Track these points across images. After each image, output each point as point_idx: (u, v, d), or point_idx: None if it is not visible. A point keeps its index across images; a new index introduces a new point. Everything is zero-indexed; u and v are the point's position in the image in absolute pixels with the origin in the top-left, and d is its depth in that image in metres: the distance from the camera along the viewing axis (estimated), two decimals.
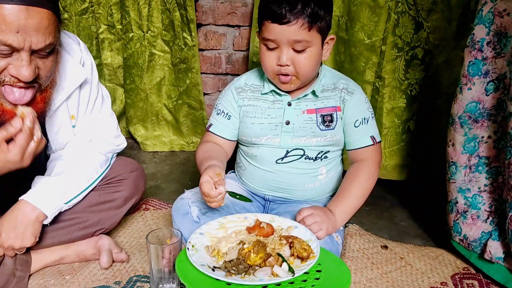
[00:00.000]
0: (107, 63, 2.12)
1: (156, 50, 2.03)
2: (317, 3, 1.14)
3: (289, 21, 1.12)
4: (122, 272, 1.28)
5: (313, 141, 1.27)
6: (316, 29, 1.15)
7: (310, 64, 1.19)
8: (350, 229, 1.49)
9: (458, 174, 1.29)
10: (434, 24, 1.60)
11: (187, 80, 2.04)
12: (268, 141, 1.29)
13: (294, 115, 1.26)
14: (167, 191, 1.80)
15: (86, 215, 1.30)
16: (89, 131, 1.33)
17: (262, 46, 1.20)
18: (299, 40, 1.14)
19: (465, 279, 1.28)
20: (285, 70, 1.18)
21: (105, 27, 2.06)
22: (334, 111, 1.27)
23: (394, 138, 1.72)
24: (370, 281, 1.27)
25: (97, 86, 1.35)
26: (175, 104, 2.11)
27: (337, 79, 1.29)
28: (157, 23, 1.99)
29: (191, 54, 1.99)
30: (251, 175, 1.35)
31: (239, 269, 0.97)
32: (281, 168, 1.30)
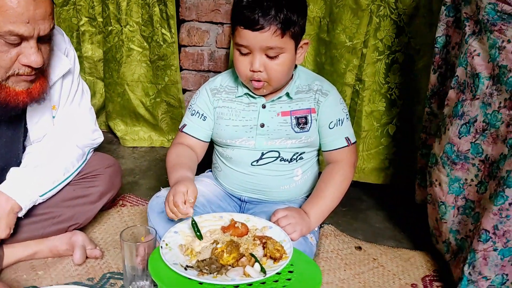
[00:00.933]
0: (88, 56, 2.10)
1: (134, 45, 2.01)
2: (290, 8, 1.13)
3: (262, 28, 1.12)
4: (96, 269, 1.28)
5: (288, 143, 1.27)
6: (289, 35, 1.15)
7: (283, 70, 1.19)
8: (326, 230, 1.51)
9: (447, 214, 1.24)
10: (415, 29, 1.62)
11: (165, 77, 2.02)
12: (243, 143, 1.29)
13: (269, 117, 1.27)
14: (145, 187, 1.79)
15: (60, 209, 1.29)
16: (68, 123, 1.33)
17: (236, 51, 1.20)
18: (271, 46, 1.14)
19: (434, 281, 1.31)
20: (258, 76, 1.18)
21: (86, 19, 2.03)
22: (309, 113, 1.27)
23: (373, 141, 1.74)
24: (343, 281, 1.29)
25: (78, 78, 1.35)
26: (153, 102, 2.08)
27: (312, 81, 1.30)
28: (136, 18, 1.96)
29: (170, 51, 1.96)
30: (226, 176, 1.35)
31: (212, 269, 0.98)
32: (257, 170, 1.30)
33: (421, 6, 1.59)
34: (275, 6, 1.12)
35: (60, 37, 1.27)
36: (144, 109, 2.11)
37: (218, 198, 1.36)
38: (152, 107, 2.10)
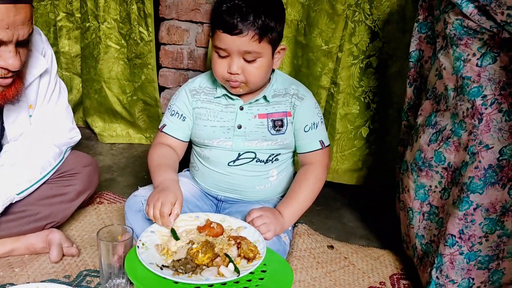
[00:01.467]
0: (65, 51, 2.09)
1: (112, 42, 2.00)
2: (268, 15, 1.16)
3: (240, 33, 1.15)
4: (72, 266, 1.29)
5: (264, 144, 1.31)
6: (267, 41, 1.18)
7: (260, 74, 1.22)
8: (299, 229, 1.55)
9: (414, 219, 1.29)
10: (389, 35, 1.67)
11: (142, 76, 2.02)
12: (220, 143, 1.32)
13: (246, 119, 1.30)
14: (123, 184, 1.80)
15: (37, 208, 1.30)
16: (45, 122, 1.33)
17: (214, 53, 1.23)
18: (249, 51, 1.17)
19: (402, 279, 1.37)
20: (235, 78, 1.21)
21: (63, 14, 2.01)
22: (285, 116, 1.31)
23: (346, 143, 1.79)
24: (314, 279, 1.33)
25: (55, 77, 1.35)
26: (130, 100, 2.08)
27: (288, 85, 1.33)
28: (114, 15, 1.96)
29: (147, 50, 1.96)
30: (203, 176, 1.38)
31: (187, 269, 1.01)
32: (233, 171, 1.33)
33: (394, 12, 1.63)
34: (254, 12, 1.15)
35: (38, 37, 1.27)
36: (121, 106, 2.11)
37: (195, 197, 1.38)
38: (129, 105, 2.10)
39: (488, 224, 1.10)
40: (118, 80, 2.07)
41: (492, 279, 1.15)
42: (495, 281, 1.15)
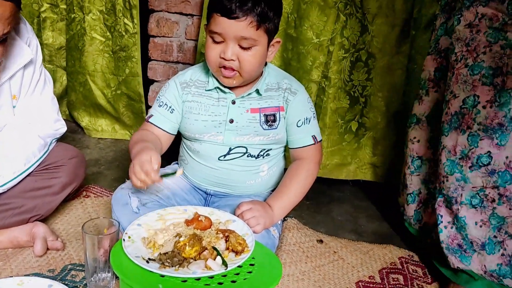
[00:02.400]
0: (48, 43, 2.05)
1: (97, 34, 1.97)
2: (268, 4, 1.15)
3: (238, 17, 1.13)
4: (57, 260, 1.27)
5: (256, 139, 1.29)
6: (264, 29, 1.17)
7: (255, 62, 1.20)
8: (289, 223, 1.54)
9: (423, 167, 1.41)
10: (378, 28, 1.66)
11: (126, 69, 1.98)
12: (211, 138, 1.30)
13: (238, 113, 1.28)
14: (110, 178, 1.78)
15: (21, 200, 1.28)
16: (29, 113, 1.31)
17: (209, 38, 1.21)
18: (246, 37, 1.16)
19: (391, 273, 1.36)
20: (229, 64, 1.19)
21: (47, 5, 1.97)
22: (277, 111, 1.29)
23: (337, 138, 1.78)
24: (303, 274, 1.32)
25: (40, 68, 1.33)
26: (114, 94, 2.05)
27: (281, 79, 1.31)
28: (100, 6, 1.92)
29: (132, 42, 1.93)
30: (193, 170, 1.36)
31: (173, 262, 0.99)
32: (223, 165, 1.31)
33: (384, 5, 1.63)
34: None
35: (23, 26, 1.25)
36: (105, 100, 2.08)
37: (184, 191, 1.36)
38: (113, 100, 2.06)
39: (449, 165, 1.24)
40: (102, 73, 2.03)
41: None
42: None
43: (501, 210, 1.19)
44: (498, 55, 1.16)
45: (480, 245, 1.23)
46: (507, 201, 1.18)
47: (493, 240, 1.21)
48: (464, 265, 1.25)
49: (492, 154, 1.18)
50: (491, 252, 1.21)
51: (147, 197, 1.25)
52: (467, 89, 1.21)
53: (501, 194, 1.18)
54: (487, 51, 1.17)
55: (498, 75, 1.16)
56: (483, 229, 1.22)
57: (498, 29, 1.16)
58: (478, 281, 1.24)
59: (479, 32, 1.19)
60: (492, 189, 1.19)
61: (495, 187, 1.19)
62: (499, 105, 1.15)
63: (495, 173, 1.18)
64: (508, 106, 1.15)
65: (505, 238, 1.20)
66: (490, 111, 1.17)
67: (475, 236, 1.23)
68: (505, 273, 1.20)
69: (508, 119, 1.15)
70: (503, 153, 1.17)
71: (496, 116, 1.16)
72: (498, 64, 1.16)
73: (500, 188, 1.18)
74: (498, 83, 1.16)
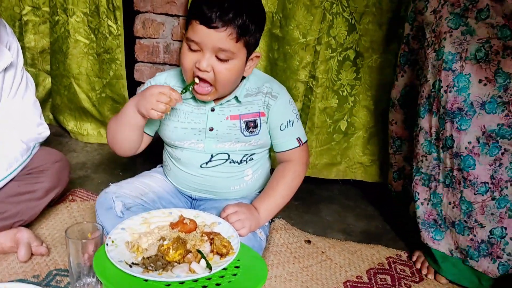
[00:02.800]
0: (30, 46, 2.02)
1: (81, 37, 1.94)
2: (250, 17, 1.11)
3: (218, 27, 1.09)
4: (42, 266, 1.26)
5: (238, 146, 1.27)
6: (243, 43, 1.13)
7: (230, 76, 1.16)
8: (276, 224, 1.53)
9: (404, 146, 1.54)
10: (365, 27, 1.65)
11: (110, 72, 1.96)
12: (192, 145, 1.27)
13: (218, 121, 1.24)
14: (97, 181, 1.76)
15: (4, 206, 1.26)
16: (11, 117, 1.29)
17: (185, 45, 1.16)
18: (224, 49, 1.11)
19: (378, 274, 1.36)
20: (203, 75, 1.14)
21: (29, 8, 1.94)
22: (258, 117, 1.26)
23: (325, 138, 1.77)
24: (291, 274, 1.32)
25: (21, 71, 1.31)
26: (99, 97, 2.02)
27: (261, 83, 1.27)
28: (83, 8, 1.89)
29: (116, 44, 1.90)
30: (176, 176, 1.34)
31: (157, 266, 0.98)
32: (206, 172, 1.29)
33: (371, 4, 1.62)
34: (235, 9, 1.09)
35: (3, 29, 1.23)
36: (90, 104, 2.05)
37: (169, 194, 1.35)
38: (98, 103, 2.03)
39: (427, 145, 1.32)
40: (87, 76, 2.00)
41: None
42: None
43: (467, 194, 1.24)
44: (458, 41, 1.19)
45: (451, 223, 1.29)
46: (471, 186, 1.23)
47: (463, 223, 1.27)
48: (432, 243, 1.33)
49: (454, 138, 1.23)
50: (460, 233, 1.28)
51: (132, 201, 1.23)
52: (434, 73, 1.26)
53: (465, 178, 1.24)
54: (448, 36, 1.21)
55: (457, 61, 1.20)
56: (455, 211, 1.28)
57: (459, 15, 1.19)
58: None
59: (441, 18, 1.22)
60: (457, 171, 1.25)
61: (460, 169, 1.24)
62: (458, 89, 1.20)
63: (458, 156, 1.24)
64: (466, 91, 1.20)
65: (475, 226, 1.25)
66: (450, 96, 1.22)
67: (448, 214, 1.30)
68: (472, 254, 1.26)
69: (467, 104, 1.20)
70: (464, 137, 1.22)
71: (455, 101, 1.21)
72: (458, 50, 1.20)
73: (464, 172, 1.24)
74: (457, 68, 1.20)
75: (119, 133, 1.24)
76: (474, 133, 1.21)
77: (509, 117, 1.18)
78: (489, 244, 1.23)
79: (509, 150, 1.19)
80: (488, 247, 1.24)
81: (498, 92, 1.18)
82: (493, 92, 1.18)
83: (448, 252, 1.31)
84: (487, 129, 1.20)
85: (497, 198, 1.22)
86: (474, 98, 1.20)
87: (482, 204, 1.23)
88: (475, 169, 1.22)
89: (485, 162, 1.21)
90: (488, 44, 1.16)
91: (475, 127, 1.21)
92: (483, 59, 1.17)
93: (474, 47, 1.18)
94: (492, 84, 1.18)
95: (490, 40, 1.16)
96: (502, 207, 1.22)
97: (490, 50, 1.17)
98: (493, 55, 1.17)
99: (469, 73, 1.19)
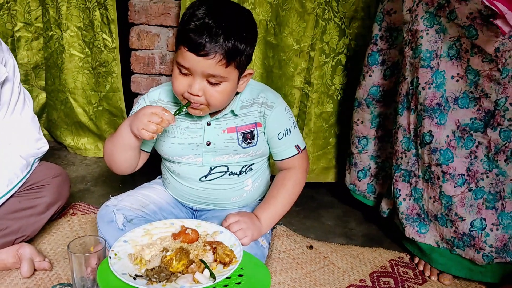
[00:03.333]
0: (23, 63, 2.02)
1: (76, 51, 1.94)
2: (239, 38, 1.08)
3: (207, 54, 1.06)
4: (45, 281, 1.25)
5: (236, 158, 1.26)
6: (234, 65, 1.10)
7: (222, 98, 1.15)
8: (278, 230, 1.53)
9: (369, 145, 1.57)
10: (355, 31, 1.67)
11: (107, 85, 1.96)
12: (190, 160, 1.27)
13: (215, 134, 1.24)
14: (97, 194, 1.76)
15: (6, 222, 1.26)
16: (9, 133, 1.29)
17: (176, 69, 1.13)
18: (214, 74, 1.09)
19: (382, 277, 1.36)
20: (195, 100, 1.13)
21: (22, 24, 1.94)
22: (254, 128, 1.25)
23: (322, 143, 1.78)
24: (294, 281, 1.32)
25: (18, 87, 1.31)
26: (96, 110, 2.02)
27: (256, 94, 1.26)
28: (77, 23, 1.90)
29: (111, 57, 1.91)
30: (176, 189, 1.34)
31: (161, 277, 0.98)
32: (205, 185, 1.29)
33: (360, 9, 1.64)
34: (224, 33, 1.06)
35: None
36: (87, 118, 2.05)
37: (170, 205, 1.35)
38: (95, 116, 2.04)
39: (405, 142, 1.35)
40: (83, 90, 2.00)
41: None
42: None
43: (446, 188, 1.27)
44: (434, 39, 1.23)
45: (433, 216, 1.32)
46: (451, 179, 1.26)
47: (445, 217, 1.30)
48: (418, 237, 1.36)
49: (433, 133, 1.26)
50: (444, 225, 1.31)
51: (133, 213, 1.24)
52: (412, 71, 1.29)
53: (444, 172, 1.26)
54: (424, 35, 1.24)
55: (433, 58, 1.24)
56: (436, 205, 1.31)
57: (433, 14, 1.23)
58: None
59: (417, 17, 1.25)
60: (436, 166, 1.28)
61: (438, 164, 1.27)
62: (436, 86, 1.24)
63: (437, 151, 1.27)
64: (443, 87, 1.24)
65: (456, 219, 1.27)
66: (429, 92, 1.25)
67: (429, 208, 1.33)
68: (457, 244, 1.29)
69: (444, 100, 1.24)
70: (443, 132, 1.25)
71: (434, 97, 1.25)
72: (433, 48, 1.23)
73: (443, 166, 1.26)
74: (434, 65, 1.24)
75: (116, 153, 1.23)
76: (450, 127, 1.25)
77: (480, 112, 1.22)
78: (471, 237, 1.26)
79: (482, 143, 1.23)
80: (470, 239, 1.26)
81: (470, 88, 1.22)
82: (465, 88, 1.23)
83: (434, 243, 1.34)
84: (461, 123, 1.24)
85: (473, 189, 1.25)
86: (449, 94, 1.24)
87: (461, 196, 1.26)
88: (453, 161, 1.25)
89: (461, 155, 1.25)
90: (458, 42, 1.21)
91: (451, 121, 1.25)
92: (455, 56, 1.22)
93: (447, 45, 1.22)
94: (464, 80, 1.22)
95: (460, 39, 1.20)
96: (479, 198, 1.25)
97: (460, 48, 1.21)
98: (463, 53, 1.21)
99: (443, 70, 1.23)
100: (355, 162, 1.61)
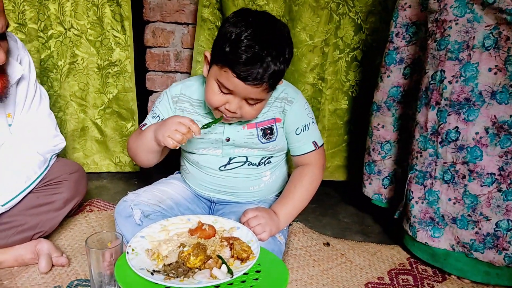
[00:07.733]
0: None
1: (80, 51, 1.83)
2: (284, 62, 1.10)
3: (256, 85, 1.09)
4: (63, 276, 1.26)
5: (255, 151, 1.28)
6: (273, 87, 1.15)
7: (256, 113, 1.19)
8: (294, 227, 1.52)
9: (393, 149, 1.49)
10: (372, 26, 1.65)
11: (118, 85, 1.88)
12: (210, 152, 1.28)
13: (235, 131, 1.25)
14: (113, 191, 1.77)
15: (24, 218, 1.27)
16: (27, 130, 1.30)
17: (215, 84, 1.14)
18: (256, 98, 1.13)
19: (400, 274, 1.34)
20: (229, 115, 1.16)
21: (15, 25, 1.75)
22: (273, 123, 1.27)
23: (337, 140, 1.76)
24: (311, 278, 1.31)
25: (34, 84, 1.32)
26: (102, 114, 1.92)
27: (277, 90, 1.27)
28: (82, 20, 1.80)
29: (124, 56, 1.85)
30: (195, 179, 1.35)
31: (178, 272, 0.98)
32: (225, 174, 1.30)
33: (376, 3, 1.62)
34: (273, 62, 1.07)
35: (13, 43, 1.24)
36: (92, 123, 1.93)
37: (187, 200, 1.35)
38: (101, 121, 1.93)
39: (422, 141, 1.28)
40: (87, 93, 1.89)
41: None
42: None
43: (472, 188, 1.21)
44: (464, 29, 1.17)
45: (451, 219, 1.27)
46: (478, 178, 1.20)
47: (467, 218, 1.24)
48: (432, 241, 1.30)
49: (460, 130, 1.20)
50: (463, 228, 1.25)
51: (150, 209, 1.24)
52: (435, 64, 1.23)
53: (471, 170, 1.21)
54: (453, 25, 1.18)
55: (463, 50, 1.17)
56: (456, 206, 1.25)
57: (465, 2, 1.16)
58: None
59: (446, 6, 1.19)
60: (462, 165, 1.22)
61: (465, 162, 1.21)
62: (465, 79, 1.18)
63: (463, 149, 1.21)
64: (474, 81, 1.17)
65: (480, 219, 1.22)
66: (456, 86, 1.19)
67: (447, 210, 1.27)
68: (477, 247, 1.24)
69: (475, 94, 1.17)
70: (472, 128, 1.19)
71: (462, 91, 1.18)
72: (464, 38, 1.17)
73: (470, 164, 1.21)
74: (463, 57, 1.18)
75: (139, 154, 1.25)
76: (482, 123, 1.18)
77: None
78: (495, 237, 1.22)
79: None
80: (494, 239, 1.22)
81: (510, 81, 1.14)
82: (504, 81, 1.15)
83: (449, 247, 1.29)
84: (498, 119, 1.17)
85: (504, 190, 1.19)
86: (483, 88, 1.17)
87: (488, 196, 1.21)
88: (482, 160, 1.20)
89: (493, 154, 1.19)
90: (496, 30, 1.14)
91: (483, 117, 1.18)
92: (492, 46, 1.15)
93: (482, 35, 1.15)
94: (503, 72, 1.15)
95: (498, 26, 1.13)
96: (509, 200, 1.20)
97: (499, 36, 1.14)
98: (502, 41, 1.13)
99: (476, 62, 1.16)
100: (378, 170, 1.53)
